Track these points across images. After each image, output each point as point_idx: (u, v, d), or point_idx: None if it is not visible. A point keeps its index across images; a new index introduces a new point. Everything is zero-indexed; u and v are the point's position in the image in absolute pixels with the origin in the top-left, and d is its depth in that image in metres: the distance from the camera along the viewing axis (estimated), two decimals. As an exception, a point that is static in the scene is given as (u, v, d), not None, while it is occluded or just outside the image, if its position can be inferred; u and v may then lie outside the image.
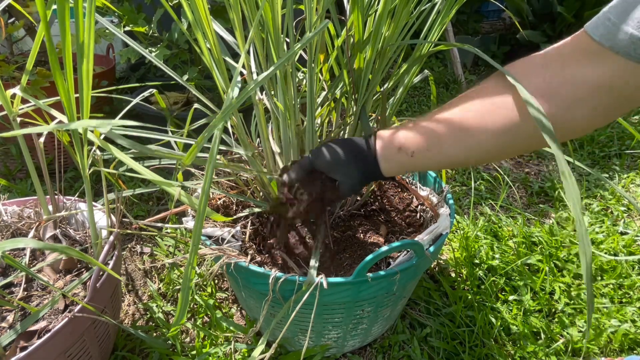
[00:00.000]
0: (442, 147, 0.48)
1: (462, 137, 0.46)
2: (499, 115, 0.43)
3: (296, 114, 0.69)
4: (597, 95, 0.38)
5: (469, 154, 0.47)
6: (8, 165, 1.39)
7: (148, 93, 0.79)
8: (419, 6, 0.67)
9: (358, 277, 0.59)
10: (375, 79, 0.69)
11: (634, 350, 0.83)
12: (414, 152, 0.49)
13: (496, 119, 0.43)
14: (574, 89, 0.39)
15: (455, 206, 1.30)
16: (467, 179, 1.47)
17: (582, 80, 0.38)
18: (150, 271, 1.04)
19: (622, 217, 1.25)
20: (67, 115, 0.51)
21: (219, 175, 0.86)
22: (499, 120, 0.43)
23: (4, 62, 1.19)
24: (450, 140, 0.47)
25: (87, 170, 0.61)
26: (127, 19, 1.29)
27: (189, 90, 1.22)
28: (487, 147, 0.45)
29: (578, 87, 0.38)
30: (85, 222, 0.80)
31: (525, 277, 0.98)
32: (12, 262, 0.54)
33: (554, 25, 2.53)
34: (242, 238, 0.72)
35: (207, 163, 0.38)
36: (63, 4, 0.40)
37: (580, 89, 0.38)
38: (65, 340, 0.58)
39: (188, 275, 0.40)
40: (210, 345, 0.82)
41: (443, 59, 2.76)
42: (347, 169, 0.56)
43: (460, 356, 0.81)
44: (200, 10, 0.56)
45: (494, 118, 0.43)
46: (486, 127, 0.44)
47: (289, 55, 0.46)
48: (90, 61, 0.46)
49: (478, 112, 0.45)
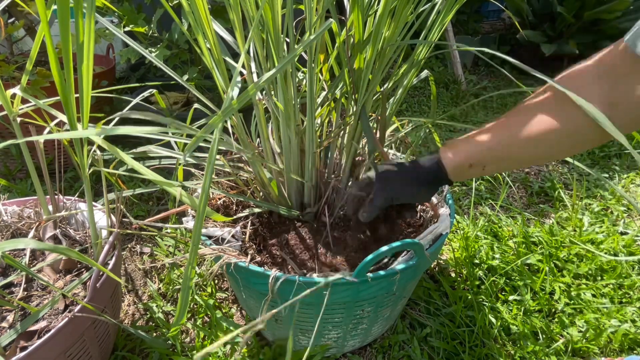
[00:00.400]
0: (511, 159, 0.53)
1: (530, 146, 0.50)
2: (563, 121, 0.47)
3: (296, 114, 0.69)
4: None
5: (536, 161, 0.55)
6: (8, 165, 1.39)
7: (148, 93, 0.80)
8: (419, 6, 0.67)
9: (358, 277, 0.59)
10: (375, 79, 0.69)
11: (634, 350, 0.83)
12: (486, 166, 0.55)
13: (559, 126, 0.47)
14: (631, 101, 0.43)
15: (455, 206, 1.30)
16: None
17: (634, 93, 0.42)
18: (150, 271, 1.04)
19: (622, 217, 1.25)
20: (67, 116, 0.51)
21: (219, 175, 0.86)
22: (564, 127, 0.47)
23: (4, 62, 1.19)
24: (519, 150, 0.51)
25: (87, 170, 0.61)
26: (127, 19, 1.29)
27: (189, 90, 1.22)
28: (553, 152, 0.50)
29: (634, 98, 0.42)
30: (85, 222, 0.80)
31: (525, 277, 0.98)
32: (12, 262, 0.54)
33: (554, 25, 2.53)
34: (242, 238, 0.72)
35: (207, 163, 0.38)
36: (63, 4, 0.40)
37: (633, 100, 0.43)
38: (65, 340, 0.58)
39: (188, 275, 0.40)
40: (210, 345, 0.82)
41: (443, 59, 2.76)
42: (423, 196, 0.63)
43: (460, 356, 0.81)
44: (200, 11, 0.56)
45: (557, 125, 0.47)
46: (551, 135, 0.48)
47: (290, 58, 0.46)
48: (90, 61, 0.46)
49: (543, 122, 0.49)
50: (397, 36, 0.66)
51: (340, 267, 0.70)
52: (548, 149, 0.50)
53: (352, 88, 0.69)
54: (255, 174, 0.78)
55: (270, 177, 0.78)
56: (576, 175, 1.52)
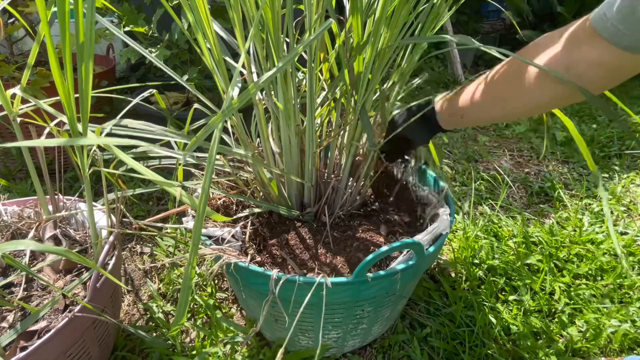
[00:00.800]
0: (483, 112, 0.62)
1: (500, 104, 0.60)
2: (529, 84, 0.54)
3: (296, 114, 0.69)
4: (596, 70, 0.49)
5: (506, 117, 0.65)
6: (8, 165, 1.39)
7: (148, 93, 0.79)
8: (417, 7, 0.67)
9: (358, 277, 0.59)
10: (375, 78, 0.69)
11: (634, 350, 0.83)
12: (463, 116, 0.65)
13: (526, 88, 0.54)
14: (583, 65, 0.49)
15: (455, 206, 1.30)
16: (467, 179, 1.47)
17: (587, 59, 0.49)
18: (150, 271, 1.04)
19: (622, 217, 1.25)
20: (67, 116, 0.51)
21: (219, 175, 0.86)
22: (528, 89, 0.54)
23: (4, 62, 1.19)
24: (491, 107, 0.61)
25: (87, 170, 0.61)
26: (127, 19, 1.29)
27: (189, 90, 1.22)
28: (520, 111, 0.58)
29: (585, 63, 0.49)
30: (85, 222, 0.80)
31: (525, 277, 0.98)
32: (12, 262, 0.54)
33: (554, 25, 2.52)
34: (242, 238, 0.72)
35: (207, 163, 0.38)
36: (63, 4, 0.40)
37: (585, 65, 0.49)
38: (65, 340, 0.58)
39: (188, 275, 0.40)
40: (210, 345, 0.82)
41: (443, 59, 2.76)
42: (421, 132, 0.74)
43: (460, 356, 0.81)
44: (200, 11, 0.56)
45: (524, 87, 0.54)
46: (519, 95, 0.56)
47: (290, 58, 0.46)
48: (90, 61, 0.46)
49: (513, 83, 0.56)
50: (397, 36, 0.66)
51: (340, 267, 0.70)
52: (510, 109, 0.59)
53: (352, 88, 0.69)
54: (255, 174, 0.78)
55: (270, 177, 0.78)
56: (576, 175, 1.52)
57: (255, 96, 0.71)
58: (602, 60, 0.47)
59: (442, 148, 1.72)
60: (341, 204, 0.83)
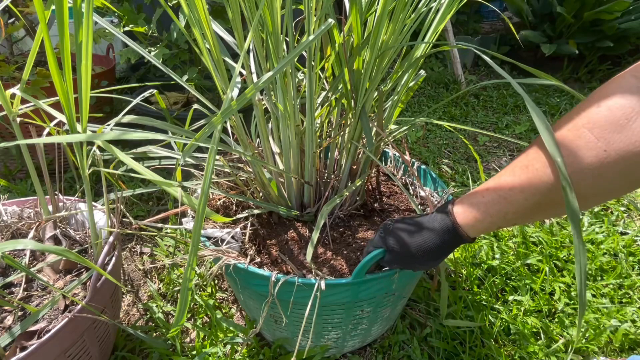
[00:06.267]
0: (507, 219, 0.48)
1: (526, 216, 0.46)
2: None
3: (296, 115, 0.69)
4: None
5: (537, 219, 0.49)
6: (8, 165, 1.39)
7: (148, 93, 0.79)
8: (417, 8, 0.67)
9: (357, 278, 0.59)
10: (375, 79, 0.69)
11: (634, 350, 0.83)
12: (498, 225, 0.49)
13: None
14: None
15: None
16: (467, 179, 1.47)
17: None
18: (150, 271, 1.04)
19: (622, 217, 1.25)
20: (66, 116, 0.51)
21: (219, 175, 0.86)
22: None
23: (4, 62, 1.19)
24: (514, 211, 0.46)
25: (87, 171, 0.61)
26: (127, 19, 1.29)
27: (189, 91, 1.22)
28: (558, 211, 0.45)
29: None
30: (85, 222, 0.80)
31: (525, 277, 0.98)
32: (12, 263, 0.54)
33: (554, 25, 2.53)
34: (242, 239, 0.72)
35: (207, 163, 0.38)
36: (61, 4, 0.40)
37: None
38: (65, 340, 0.58)
39: (188, 276, 0.40)
40: (210, 345, 0.82)
41: (443, 59, 2.76)
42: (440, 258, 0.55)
43: (460, 356, 0.81)
44: (199, 11, 0.56)
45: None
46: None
47: (289, 59, 0.46)
48: (88, 61, 0.46)
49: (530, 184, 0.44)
50: (396, 37, 0.66)
51: (340, 268, 0.70)
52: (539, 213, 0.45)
53: (352, 88, 0.69)
54: (255, 174, 0.78)
55: (270, 178, 0.78)
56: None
57: (255, 97, 0.71)
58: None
59: (442, 148, 1.71)
60: (341, 204, 0.83)
